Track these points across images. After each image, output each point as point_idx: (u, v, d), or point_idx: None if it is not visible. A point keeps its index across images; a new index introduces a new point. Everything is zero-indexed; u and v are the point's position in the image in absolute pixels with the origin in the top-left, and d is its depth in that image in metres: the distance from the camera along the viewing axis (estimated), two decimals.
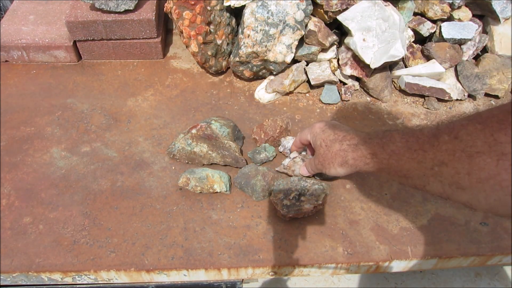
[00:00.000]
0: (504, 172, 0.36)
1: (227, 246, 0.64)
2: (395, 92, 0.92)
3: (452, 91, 0.87)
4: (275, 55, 0.84)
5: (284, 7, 0.81)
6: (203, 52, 0.86)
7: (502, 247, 0.65)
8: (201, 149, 0.72)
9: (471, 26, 0.88)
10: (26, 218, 0.66)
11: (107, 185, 0.72)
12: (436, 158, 0.42)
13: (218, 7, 0.84)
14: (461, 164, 0.40)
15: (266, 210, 0.68)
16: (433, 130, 0.44)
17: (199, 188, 0.69)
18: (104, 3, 0.86)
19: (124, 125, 0.82)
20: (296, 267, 0.63)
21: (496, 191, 0.38)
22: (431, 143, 0.43)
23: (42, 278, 0.62)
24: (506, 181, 0.36)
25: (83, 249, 0.63)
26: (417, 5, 0.90)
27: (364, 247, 0.64)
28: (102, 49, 0.94)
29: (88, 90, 0.89)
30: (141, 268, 0.61)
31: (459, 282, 1.45)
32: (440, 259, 0.65)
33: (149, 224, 0.66)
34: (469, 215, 0.69)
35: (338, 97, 0.89)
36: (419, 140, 0.45)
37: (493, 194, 0.38)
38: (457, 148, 0.40)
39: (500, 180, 0.37)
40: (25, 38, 0.92)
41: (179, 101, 0.88)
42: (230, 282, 0.71)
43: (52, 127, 0.81)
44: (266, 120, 0.77)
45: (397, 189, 0.73)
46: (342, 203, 0.70)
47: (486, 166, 0.37)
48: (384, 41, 0.82)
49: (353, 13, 0.83)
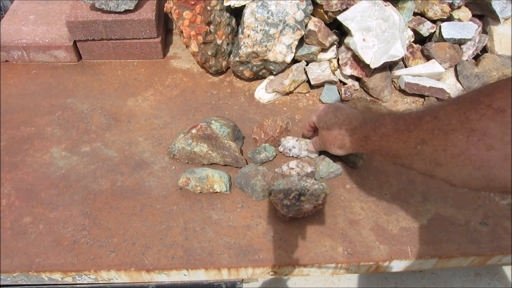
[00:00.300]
0: (473, 147, 0.39)
1: (227, 246, 0.64)
2: (395, 92, 0.92)
3: (452, 91, 0.87)
4: (275, 55, 0.84)
5: (284, 7, 0.81)
6: (203, 52, 0.86)
7: (502, 247, 0.65)
8: (201, 149, 0.72)
9: (471, 26, 0.89)
10: (26, 218, 0.66)
11: (107, 185, 0.72)
12: (419, 137, 0.45)
13: (218, 7, 0.84)
14: (438, 141, 0.43)
15: (266, 210, 0.68)
16: (419, 112, 0.47)
17: (199, 188, 0.69)
18: (104, 3, 0.86)
19: (124, 125, 0.82)
20: (296, 267, 0.63)
21: (467, 166, 0.40)
22: (416, 124, 0.47)
23: (42, 278, 0.62)
24: (475, 155, 0.39)
25: (83, 249, 0.63)
26: (417, 5, 0.90)
27: (364, 247, 0.64)
28: (102, 49, 0.94)
29: (88, 90, 0.89)
30: (141, 268, 0.61)
31: (459, 282, 1.45)
32: (440, 259, 0.65)
33: (149, 224, 0.66)
34: (469, 215, 0.69)
35: (338, 97, 0.89)
36: (406, 122, 0.48)
37: (465, 168, 0.40)
38: (435, 127, 0.43)
39: (470, 155, 0.39)
40: (25, 38, 0.92)
41: (179, 101, 0.88)
42: (230, 282, 0.71)
43: (52, 127, 0.81)
44: (266, 120, 0.77)
45: (397, 189, 0.73)
46: (342, 203, 0.70)
47: (458, 142, 0.40)
48: (384, 41, 0.82)
49: (353, 13, 0.83)
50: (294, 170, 0.71)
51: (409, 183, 0.74)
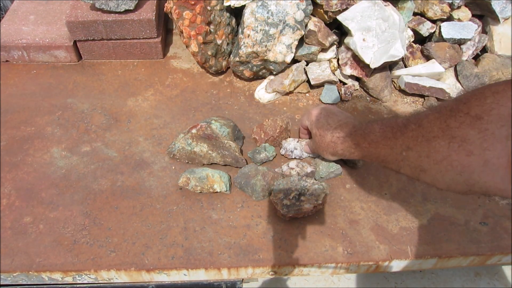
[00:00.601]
0: (454, 154, 0.41)
1: (227, 246, 0.64)
2: (395, 92, 0.92)
3: (452, 91, 0.87)
4: (275, 55, 0.84)
5: (284, 7, 0.81)
6: (203, 52, 0.86)
7: (502, 246, 0.65)
8: (201, 149, 0.72)
9: (471, 26, 0.89)
10: (27, 218, 0.67)
11: (107, 185, 0.72)
12: (404, 144, 0.48)
13: (218, 7, 0.84)
14: (422, 148, 0.45)
15: (266, 210, 0.69)
16: (405, 120, 0.49)
17: (199, 188, 0.69)
18: (104, 3, 0.86)
19: (124, 125, 0.82)
20: (296, 267, 0.63)
21: (449, 171, 0.42)
22: (402, 131, 0.49)
23: (42, 277, 0.62)
24: (456, 161, 0.41)
25: (83, 249, 0.63)
26: (416, 5, 0.90)
27: (364, 246, 0.64)
28: (102, 49, 0.94)
29: (88, 90, 0.89)
30: (141, 267, 0.61)
31: (458, 282, 1.45)
32: (440, 258, 0.65)
33: (149, 224, 0.66)
34: (469, 214, 0.69)
35: (338, 97, 0.89)
36: (393, 129, 0.51)
37: (447, 173, 0.42)
38: (419, 134, 0.45)
39: (451, 160, 0.41)
40: (26, 38, 0.92)
41: (179, 101, 0.88)
42: (230, 282, 0.71)
43: (52, 127, 0.81)
44: (266, 120, 0.77)
45: (397, 189, 0.73)
46: (342, 203, 0.70)
47: (440, 148, 0.42)
48: (384, 41, 0.82)
49: (353, 13, 0.83)
50: (294, 170, 0.71)
51: (409, 183, 0.74)
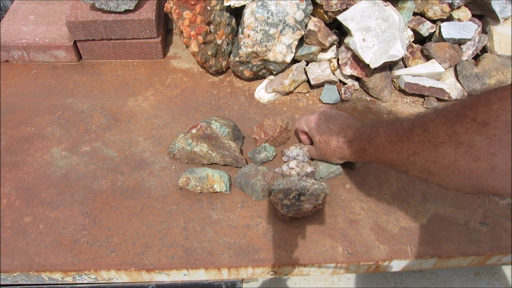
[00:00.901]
0: (461, 159, 0.41)
1: (227, 246, 0.64)
2: (395, 92, 0.92)
3: (452, 91, 0.87)
4: (275, 55, 0.84)
5: (284, 7, 0.81)
6: (203, 52, 0.86)
7: (502, 246, 0.65)
8: (201, 148, 0.72)
9: (471, 26, 0.89)
10: (27, 218, 0.67)
11: (107, 184, 0.72)
12: (411, 149, 0.48)
13: (218, 7, 0.84)
14: (429, 153, 0.45)
15: (266, 209, 0.69)
16: (410, 123, 0.50)
17: (199, 188, 0.69)
18: (105, 3, 0.86)
19: (124, 125, 0.82)
20: (296, 267, 0.63)
21: (457, 176, 0.43)
22: (407, 136, 0.49)
23: (42, 277, 0.62)
24: (463, 166, 0.41)
25: (83, 249, 0.63)
26: (416, 5, 0.90)
27: (364, 246, 0.64)
28: (102, 49, 0.94)
29: (88, 90, 0.89)
30: (141, 267, 0.61)
31: (458, 282, 1.45)
32: (440, 258, 0.65)
33: (149, 224, 0.66)
34: (469, 214, 0.69)
35: (338, 97, 0.89)
36: (398, 133, 0.51)
37: (455, 178, 0.43)
38: (426, 139, 0.46)
39: (458, 166, 0.42)
40: (26, 38, 0.92)
41: (179, 101, 0.88)
42: (230, 282, 0.71)
43: (52, 127, 0.81)
44: (266, 120, 0.77)
45: (397, 189, 0.73)
46: (342, 202, 0.70)
47: (447, 154, 0.43)
48: (383, 41, 0.82)
49: (353, 13, 0.83)
50: (294, 170, 0.71)
51: (409, 183, 0.74)
